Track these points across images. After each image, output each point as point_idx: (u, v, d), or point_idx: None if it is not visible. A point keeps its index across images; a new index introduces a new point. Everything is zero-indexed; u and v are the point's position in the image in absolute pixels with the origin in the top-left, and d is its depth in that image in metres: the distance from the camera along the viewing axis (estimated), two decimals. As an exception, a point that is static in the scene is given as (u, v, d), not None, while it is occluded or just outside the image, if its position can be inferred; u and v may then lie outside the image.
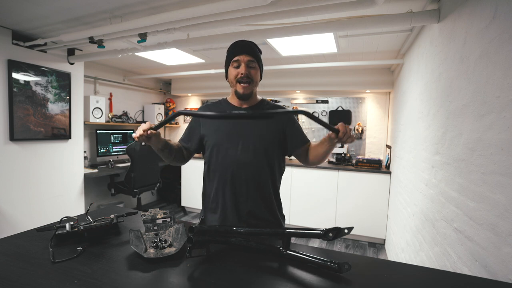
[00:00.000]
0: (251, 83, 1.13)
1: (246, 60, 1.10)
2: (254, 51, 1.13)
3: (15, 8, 1.96)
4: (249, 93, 1.14)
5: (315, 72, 3.83)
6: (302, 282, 0.76)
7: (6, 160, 2.46)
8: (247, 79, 1.11)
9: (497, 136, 0.91)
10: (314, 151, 1.18)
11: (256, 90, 1.24)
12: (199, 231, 0.86)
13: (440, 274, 0.84)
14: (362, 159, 3.49)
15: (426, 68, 1.84)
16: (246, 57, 1.10)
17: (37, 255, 0.87)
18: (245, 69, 1.10)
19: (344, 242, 3.46)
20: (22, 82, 2.52)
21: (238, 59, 1.11)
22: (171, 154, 1.17)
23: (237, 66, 1.12)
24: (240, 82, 1.12)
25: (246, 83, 1.12)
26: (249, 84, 1.12)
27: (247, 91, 1.13)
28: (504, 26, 0.90)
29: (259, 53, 1.19)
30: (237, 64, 1.12)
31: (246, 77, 1.11)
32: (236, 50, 1.13)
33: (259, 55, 1.18)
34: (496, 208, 0.89)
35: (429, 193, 1.63)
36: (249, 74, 1.11)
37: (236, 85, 1.14)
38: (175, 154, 1.19)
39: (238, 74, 1.12)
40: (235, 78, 1.13)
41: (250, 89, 1.14)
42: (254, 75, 1.13)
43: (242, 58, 1.11)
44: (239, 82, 1.12)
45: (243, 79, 1.11)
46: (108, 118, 3.83)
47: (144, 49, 2.39)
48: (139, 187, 3.42)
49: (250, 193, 1.16)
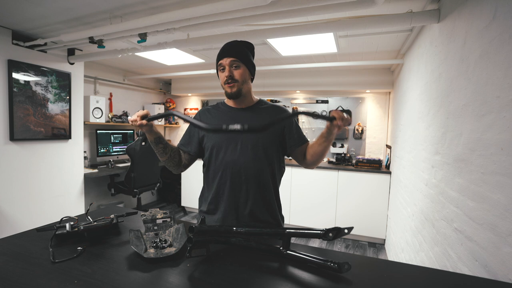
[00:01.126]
0: (236, 83, 1.16)
1: (229, 62, 1.14)
2: (237, 52, 1.15)
3: (15, 8, 1.96)
4: (236, 91, 1.16)
5: (315, 72, 3.83)
6: (302, 282, 0.76)
7: (6, 160, 2.46)
8: (232, 80, 1.15)
9: (497, 136, 0.91)
10: (311, 150, 1.19)
11: (251, 89, 1.24)
12: (199, 231, 0.86)
13: (440, 274, 0.84)
14: (362, 159, 3.49)
15: (426, 68, 1.84)
16: (228, 59, 1.14)
17: (37, 255, 0.87)
18: (228, 71, 1.14)
19: (344, 242, 3.46)
20: (22, 82, 2.52)
21: (221, 63, 1.15)
22: (166, 151, 1.18)
23: (222, 69, 1.16)
24: (226, 84, 1.16)
25: (231, 83, 1.15)
26: (234, 83, 1.15)
27: (233, 90, 1.16)
28: (504, 26, 0.91)
29: (247, 50, 1.19)
30: (222, 68, 1.16)
31: (230, 78, 1.14)
32: (219, 54, 1.17)
33: (246, 53, 1.18)
34: (496, 208, 0.89)
35: (429, 193, 1.63)
36: (232, 75, 1.14)
37: (224, 87, 1.18)
38: (171, 153, 1.20)
39: (224, 77, 1.16)
40: (223, 81, 1.17)
41: (236, 88, 1.16)
42: (239, 75, 1.15)
43: (224, 61, 1.14)
44: (225, 83, 1.16)
45: (227, 81, 1.15)
46: (108, 118, 3.83)
47: (144, 49, 2.39)
48: (139, 187, 3.42)
49: (250, 194, 1.16)
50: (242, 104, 1.23)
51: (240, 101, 1.22)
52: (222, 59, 1.14)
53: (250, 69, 1.20)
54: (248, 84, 1.20)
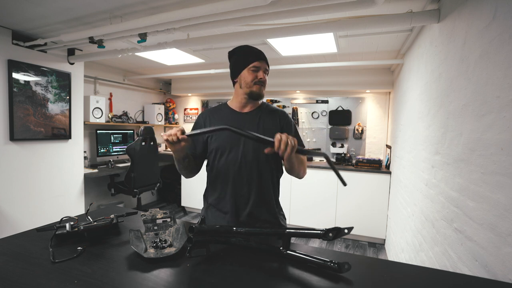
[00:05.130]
0: (264, 87, 1.23)
1: (264, 66, 1.21)
2: (267, 60, 1.24)
3: (15, 8, 1.96)
4: (263, 94, 1.23)
5: (315, 72, 3.83)
6: (302, 282, 0.76)
7: (6, 160, 2.46)
8: (262, 84, 1.21)
9: (497, 136, 0.91)
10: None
11: None
12: (199, 231, 0.86)
13: (440, 274, 0.84)
14: (362, 159, 3.49)
15: (426, 68, 1.84)
16: (264, 64, 1.21)
17: (37, 255, 0.87)
18: (263, 74, 1.20)
19: (344, 242, 3.46)
20: (22, 82, 2.52)
21: (258, 65, 1.19)
22: (190, 165, 1.19)
23: (255, 70, 1.19)
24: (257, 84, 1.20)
25: (263, 85, 1.22)
26: (263, 87, 1.22)
27: (262, 91, 1.22)
28: (504, 26, 0.90)
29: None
30: (255, 69, 1.19)
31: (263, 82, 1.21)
32: (255, 56, 1.20)
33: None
34: (496, 208, 0.89)
35: (429, 193, 1.63)
36: (264, 80, 1.21)
37: (253, 86, 1.20)
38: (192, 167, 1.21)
39: (255, 77, 1.19)
40: (252, 81, 1.19)
41: (263, 91, 1.23)
42: (266, 81, 1.24)
43: (261, 64, 1.19)
44: (256, 84, 1.20)
45: (260, 81, 1.20)
46: (108, 118, 3.83)
47: (144, 49, 2.39)
48: (139, 187, 3.42)
49: (252, 195, 1.19)
50: (246, 108, 1.26)
51: (246, 105, 1.25)
52: (258, 61, 1.19)
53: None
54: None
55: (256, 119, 1.23)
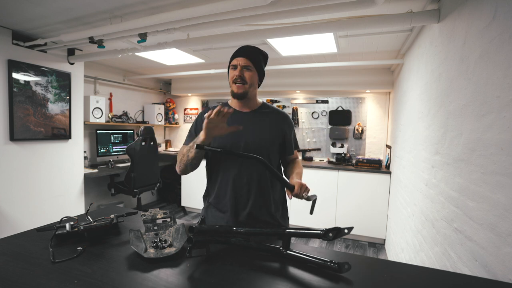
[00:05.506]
0: (245, 84, 1.18)
1: (242, 62, 1.16)
2: (252, 56, 1.18)
3: (15, 8, 1.96)
4: (242, 92, 1.18)
5: (315, 72, 3.83)
6: (302, 282, 0.76)
7: (6, 160, 2.46)
8: (241, 81, 1.16)
9: (497, 136, 0.91)
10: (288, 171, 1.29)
11: (256, 94, 1.28)
12: (199, 231, 0.86)
13: (440, 274, 0.84)
14: (362, 159, 3.49)
15: (426, 68, 1.84)
16: (243, 60, 1.16)
17: (37, 255, 0.87)
18: (239, 71, 1.16)
19: (344, 242, 3.46)
20: (22, 82, 2.51)
21: (235, 62, 1.17)
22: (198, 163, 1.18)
23: (234, 68, 1.18)
24: (235, 83, 1.18)
25: (240, 83, 1.17)
26: (242, 84, 1.17)
27: (240, 91, 1.17)
28: (504, 26, 0.90)
29: (262, 58, 1.23)
30: (234, 67, 1.18)
31: (240, 79, 1.16)
32: (235, 53, 1.19)
33: (259, 60, 1.21)
34: (496, 208, 0.89)
35: (429, 193, 1.63)
36: (242, 76, 1.16)
37: (232, 85, 1.19)
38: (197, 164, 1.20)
39: (234, 75, 1.17)
40: (232, 79, 1.18)
41: (243, 89, 1.17)
42: (249, 77, 1.17)
43: (238, 61, 1.16)
44: (234, 82, 1.18)
45: (237, 80, 1.16)
46: (108, 118, 3.83)
47: (144, 49, 2.39)
48: (139, 187, 3.42)
49: (252, 194, 1.19)
50: (246, 107, 1.25)
51: (245, 104, 1.25)
52: (237, 58, 1.16)
53: (260, 75, 1.23)
54: (255, 89, 1.24)
55: (256, 119, 1.23)
